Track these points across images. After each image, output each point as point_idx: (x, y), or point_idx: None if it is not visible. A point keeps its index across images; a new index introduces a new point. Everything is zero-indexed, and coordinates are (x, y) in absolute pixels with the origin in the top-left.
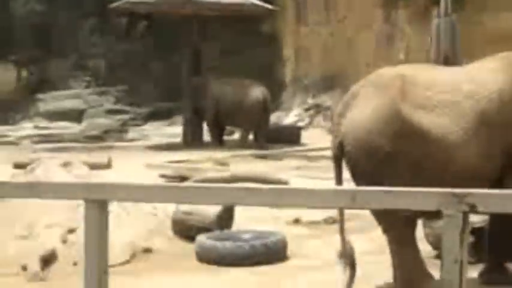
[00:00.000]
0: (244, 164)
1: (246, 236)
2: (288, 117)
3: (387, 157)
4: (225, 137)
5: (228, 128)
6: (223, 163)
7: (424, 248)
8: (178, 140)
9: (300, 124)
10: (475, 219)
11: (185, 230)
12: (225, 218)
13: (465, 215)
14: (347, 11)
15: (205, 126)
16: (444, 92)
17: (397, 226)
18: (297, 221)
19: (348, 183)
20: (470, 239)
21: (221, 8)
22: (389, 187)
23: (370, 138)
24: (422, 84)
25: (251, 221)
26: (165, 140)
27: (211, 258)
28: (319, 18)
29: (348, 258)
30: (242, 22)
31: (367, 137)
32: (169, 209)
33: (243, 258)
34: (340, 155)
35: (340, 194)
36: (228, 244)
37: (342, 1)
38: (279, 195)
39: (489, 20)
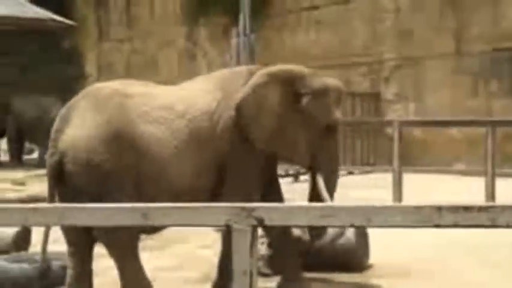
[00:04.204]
0: (42, 183)
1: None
2: None
3: (111, 173)
4: (24, 156)
5: (28, 146)
6: (21, 183)
7: None
8: None
9: None
10: None
11: None
12: (22, 240)
13: (254, 228)
14: (149, 28)
15: (2, 146)
16: (160, 109)
17: (119, 242)
18: None
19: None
20: (267, 251)
21: (18, 23)
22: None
23: (92, 155)
24: (141, 100)
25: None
26: None
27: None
28: (122, 34)
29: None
30: (42, 37)
31: (88, 154)
32: None
33: (39, 279)
34: (57, 173)
35: (131, 211)
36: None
37: (144, 17)
38: (63, 214)
39: (287, 39)
